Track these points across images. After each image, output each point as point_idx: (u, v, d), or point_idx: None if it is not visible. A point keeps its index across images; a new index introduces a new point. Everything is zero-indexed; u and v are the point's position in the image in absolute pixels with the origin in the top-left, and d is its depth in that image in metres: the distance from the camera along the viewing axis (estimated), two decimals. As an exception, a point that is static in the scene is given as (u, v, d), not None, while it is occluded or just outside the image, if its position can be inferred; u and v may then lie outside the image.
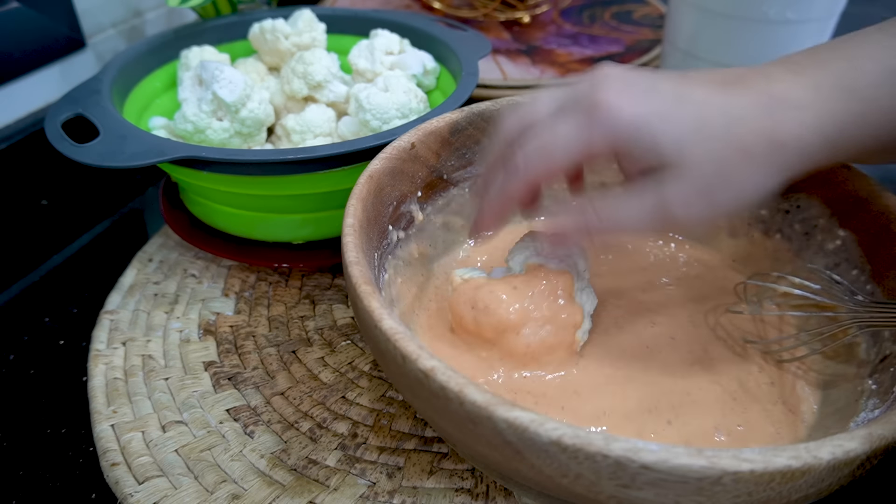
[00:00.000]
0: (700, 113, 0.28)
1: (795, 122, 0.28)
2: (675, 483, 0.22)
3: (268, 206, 0.46)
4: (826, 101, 0.28)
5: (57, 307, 0.49)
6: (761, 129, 0.28)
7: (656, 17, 0.84)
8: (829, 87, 0.28)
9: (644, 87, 0.29)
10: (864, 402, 0.32)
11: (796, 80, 0.29)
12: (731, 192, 0.29)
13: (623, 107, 0.28)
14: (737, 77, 0.30)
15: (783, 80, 0.29)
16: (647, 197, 0.29)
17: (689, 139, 0.28)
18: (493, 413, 0.24)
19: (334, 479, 0.36)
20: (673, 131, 0.28)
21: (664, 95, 0.29)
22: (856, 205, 0.37)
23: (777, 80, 0.29)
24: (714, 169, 0.28)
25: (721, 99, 0.29)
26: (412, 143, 0.39)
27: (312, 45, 0.55)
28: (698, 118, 0.28)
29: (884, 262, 0.35)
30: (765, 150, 0.28)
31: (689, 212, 0.29)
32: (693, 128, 0.28)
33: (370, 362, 0.43)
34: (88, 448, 0.39)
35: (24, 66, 0.58)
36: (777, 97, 0.28)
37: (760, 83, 0.29)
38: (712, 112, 0.28)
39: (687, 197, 0.29)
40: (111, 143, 0.41)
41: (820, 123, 0.28)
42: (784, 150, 0.28)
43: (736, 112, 0.28)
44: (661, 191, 0.29)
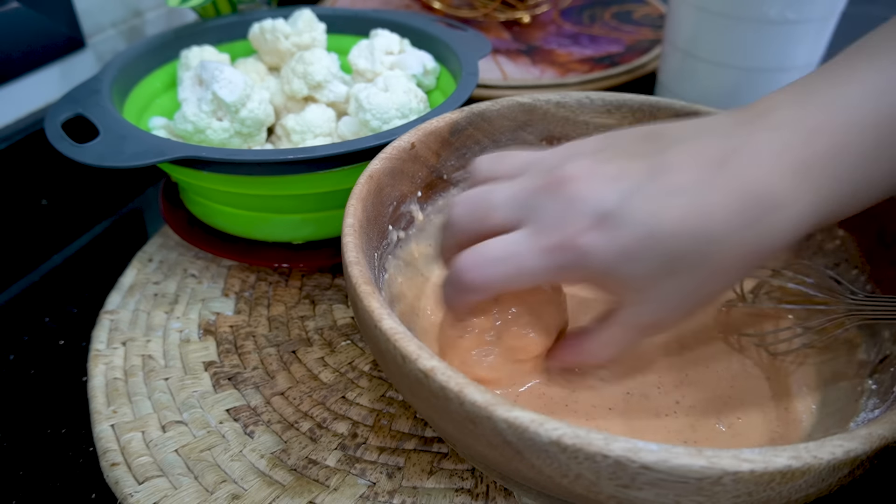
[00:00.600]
0: (674, 250, 0.26)
1: (775, 228, 0.26)
2: (675, 483, 0.22)
3: (268, 206, 0.46)
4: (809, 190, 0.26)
5: (57, 307, 0.49)
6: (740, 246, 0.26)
7: (656, 17, 0.84)
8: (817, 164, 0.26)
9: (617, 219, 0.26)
10: (864, 402, 0.32)
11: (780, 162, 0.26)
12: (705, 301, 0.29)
13: (596, 249, 0.27)
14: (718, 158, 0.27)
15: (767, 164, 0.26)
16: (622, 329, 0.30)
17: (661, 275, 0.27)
18: (493, 413, 0.24)
19: (334, 479, 0.36)
20: (644, 271, 0.27)
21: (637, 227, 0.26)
22: (856, 205, 0.37)
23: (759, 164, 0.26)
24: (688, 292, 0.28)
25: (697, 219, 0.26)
26: (412, 143, 0.39)
27: (312, 45, 0.55)
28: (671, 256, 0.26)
29: (883, 263, 0.35)
30: (742, 262, 0.27)
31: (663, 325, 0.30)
32: (665, 266, 0.27)
33: (370, 362, 0.43)
34: (88, 448, 0.39)
35: (24, 66, 0.58)
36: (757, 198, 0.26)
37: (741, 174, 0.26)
38: (687, 245, 0.26)
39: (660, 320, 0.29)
40: (111, 143, 0.41)
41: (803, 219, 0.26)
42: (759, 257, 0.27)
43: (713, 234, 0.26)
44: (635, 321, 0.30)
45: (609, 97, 0.43)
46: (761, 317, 0.39)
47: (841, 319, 0.35)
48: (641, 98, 0.43)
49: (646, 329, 0.30)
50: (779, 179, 0.26)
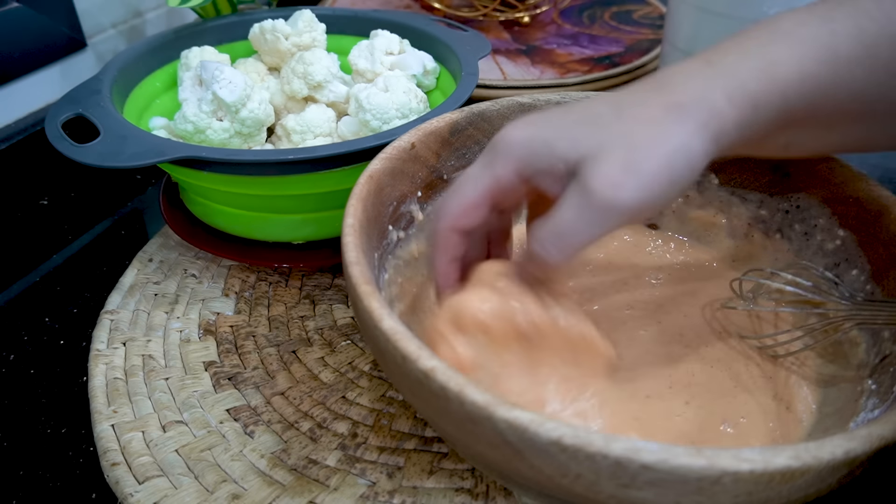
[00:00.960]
0: (588, 111, 0.29)
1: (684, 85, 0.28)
2: (675, 483, 0.22)
3: (268, 206, 0.46)
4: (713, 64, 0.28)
5: (57, 307, 0.49)
6: (653, 100, 0.28)
7: (656, 17, 0.84)
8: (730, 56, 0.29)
9: (535, 117, 0.31)
10: (863, 402, 0.32)
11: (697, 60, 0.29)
12: (653, 159, 0.27)
13: (514, 132, 0.30)
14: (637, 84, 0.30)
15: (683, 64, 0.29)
16: (576, 198, 0.28)
17: (582, 132, 0.29)
18: (493, 413, 0.24)
19: (334, 479, 0.36)
20: (565, 133, 0.29)
21: (553, 114, 0.30)
22: (856, 205, 0.37)
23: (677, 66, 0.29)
24: (621, 143, 0.27)
25: (608, 98, 0.30)
26: (412, 143, 0.39)
27: (312, 45, 0.55)
28: (587, 114, 0.29)
29: (884, 262, 0.35)
30: (663, 112, 0.28)
31: (622, 193, 0.27)
32: (583, 122, 0.29)
33: (370, 362, 0.43)
34: (89, 448, 0.39)
35: (25, 66, 0.58)
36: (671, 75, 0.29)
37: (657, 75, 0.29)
38: (601, 107, 0.29)
39: (608, 179, 0.27)
40: (111, 143, 0.41)
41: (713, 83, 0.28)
42: (685, 110, 0.27)
43: (626, 99, 0.29)
44: (585, 184, 0.27)
45: (609, 97, 0.43)
46: (761, 319, 0.39)
47: (839, 322, 0.35)
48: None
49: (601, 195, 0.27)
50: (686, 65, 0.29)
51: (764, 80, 0.28)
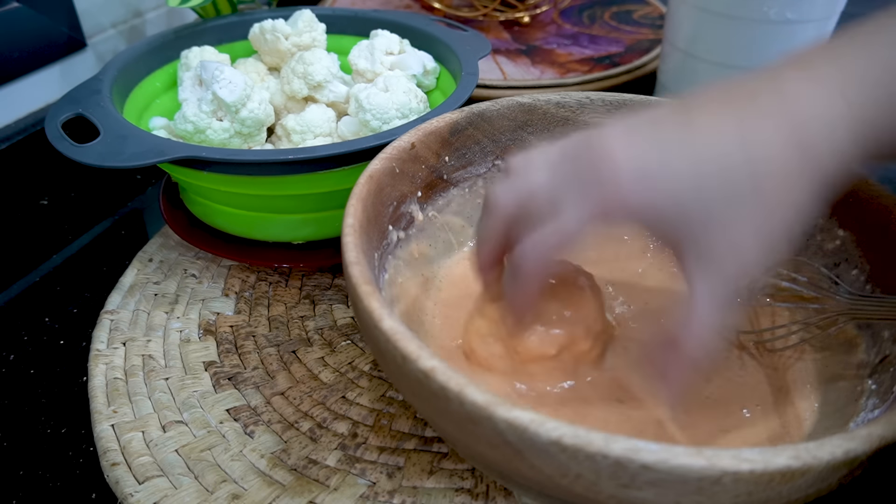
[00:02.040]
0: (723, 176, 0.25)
1: (828, 145, 0.25)
2: (675, 483, 0.22)
3: (268, 206, 0.46)
4: (851, 105, 0.25)
5: (57, 307, 0.49)
6: (792, 167, 0.25)
7: (656, 17, 0.84)
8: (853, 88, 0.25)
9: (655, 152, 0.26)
10: (864, 402, 0.32)
11: (813, 83, 0.26)
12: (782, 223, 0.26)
13: (638, 190, 0.26)
14: (747, 94, 0.27)
15: (800, 92, 0.26)
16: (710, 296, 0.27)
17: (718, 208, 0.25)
18: (493, 413, 0.24)
19: (334, 479, 0.36)
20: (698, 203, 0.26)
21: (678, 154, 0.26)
22: (856, 205, 0.37)
23: (793, 93, 0.26)
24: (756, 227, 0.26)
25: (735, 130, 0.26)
26: (412, 143, 0.39)
27: (312, 45, 0.55)
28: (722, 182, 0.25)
29: (884, 262, 0.35)
30: (802, 186, 0.25)
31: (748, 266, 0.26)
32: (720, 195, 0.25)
33: (370, 362, 0.43)
34: (88, 448, 0.39)
35: (25, 66, 0.58)
36: (798, 110, 0.25)
37: (774, 100, 0.26)
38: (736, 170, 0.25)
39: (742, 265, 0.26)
40: (111, 143, 0.41)
41: (852, 132, 0.25)
42: (822, 177, 0.26)
43: (755, 139, 0.25)
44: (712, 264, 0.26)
45: (609, 97, 0.43)
46: (758, 313, 0.39)
47: (834, 317, 0.35)
48: (641, 98, 0.43)
49: (731, 282, 0.26)
50: (818, 101, 0.25)
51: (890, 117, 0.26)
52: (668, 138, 0.26)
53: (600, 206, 0.27)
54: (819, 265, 0.38)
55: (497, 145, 0.44)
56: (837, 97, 0.25)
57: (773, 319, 0.39)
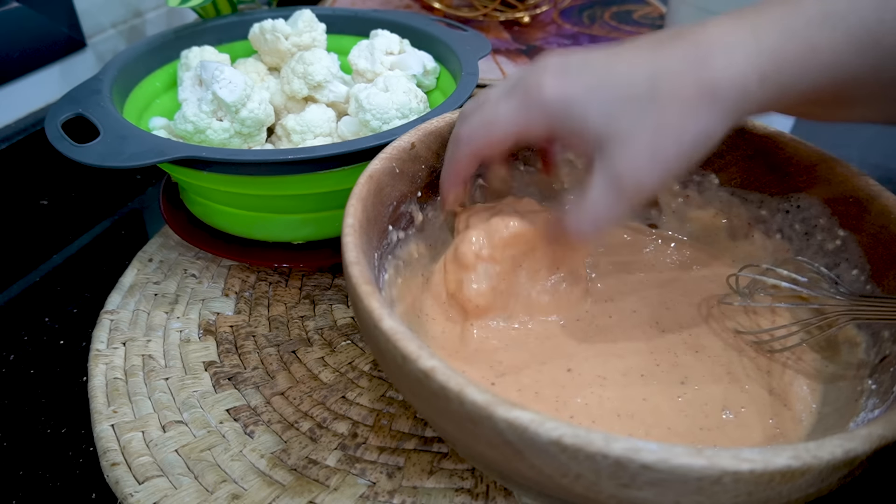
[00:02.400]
0: (626, 78, 0.29)
1: (724, 61, 0.28)
2: (675, 483, 0.22)
3: (268, 206, 0.46)
4: (759, 40, 0.28)
5: (57, 307, 0.49)
6: (691, 77, 0.28)
7: (656, 17, 0.84)
8: (764, 27, 0.28)
9: (576, 66, 0.30)
10: (864, 402, 0.32)
11: (733, 24, 0.29)
12: (676, 146, 0.29)
13: (553, 86, 0.30)
14: (672, 34, 0.30)
15: (719, 26, 0.29)
16: (602, 183, 0.30)
17: (617, 107, 0.29)
18: (493, 413, 0.24)
19: (334, 479, 0.36)
20: (599, 106, 0.29)
21: (594, 70, 0.30)
22: (856, 205, 0.37)
23: (712, 27, 0.29)
24: (651, 127, 0.29)
25: (649, 58, 0.29)
26: (412, 143, 0.39)
27: (312, 45, 0.55)
28: (624, 85, 0.29)
29: (884, 262, 0.35)
30: (697, 97, 0.28)
31: (642, 179, 0.30)
32: (620, 95, 0.29)
33: (370, 362, 0.43)
34: (88, 448, 0.39)
35: (25, 66, 0.58)
36: (707, 42, 0.28)
37: (694, 34, 0.29)
38: (639, 74, 0.29)
39: (634, 164, 0.29)
40: (111, 143, 0.41)
41: (753, 60, 0.28)
42: (718, 93, 0.28)
43: (663, 66, 0.29)
44: (610, 169, 0.30)
45: (609, 97, 0.43)
46: (757, 314, 0.39)
47: (834, 318, 0.35)
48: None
49: (625, 179, 0.30)
50: (729, 31, 0.29)
51: (800, 65, 0.28)
52: (592, 61, 0.31)
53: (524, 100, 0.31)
54: (819, 265, 0.38)
55: (497, 145, 0.44)
56: (747, 34, 0.28)
57: (772, 320, 0.39)
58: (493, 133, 0.33)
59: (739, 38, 0.28)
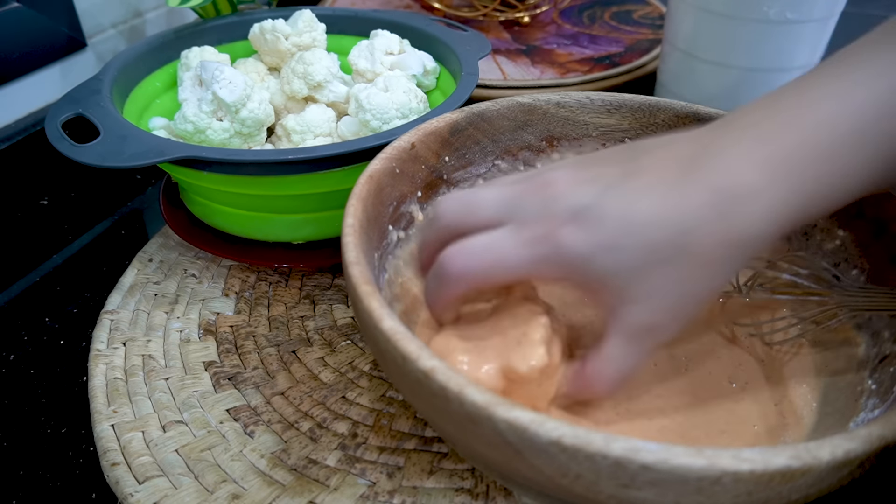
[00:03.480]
0: (650, 235, 0.27)
1: (748, 218, 0.27)
2: (675, 483, 0.22)
3: (268, 206, 0.46)
4: (778, 182, 0.27)
5: (57, 307, 0.49)
6: (717, 235, 0.27)
7: (656, 17, 0.84)
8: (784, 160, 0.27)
9: (595, 209, 0.28)
10: (864, 402, 0.32)
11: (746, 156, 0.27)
12: (696, 302, 0.28)
13: (573, 240, 0.28)
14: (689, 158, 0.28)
15: (736, 159, 0.27)
16: (621, 340, 0.29)
17: (639, 269, 0.27)
18: (493, 413, 0.24)
19: (334, 479, 0.36)
20: (623, 265, 0.28)
21: (615, 219, 0.28)
22: (855, 205, 0.37)
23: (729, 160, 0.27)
24: (673, 290, 0.28)
25: (673, 204, 0.27)
26: (412, 143, 0.39)
27: (312, 45, 0.55)
28: (649, 243, 0.27)
29: (883, 263, 0.35)
30: (722, 253, 0.27)
31: (661, 335, 0.29)
32: (644, 256, 0.27)
33: (370, 362, 0.43)
34: (88, 448, 0.39)
35: (25, 66, 0.58)
36: (728, 191, 0.27)
37: (711, 170, 0.27)
38: (663, 229, 0.27)
39: (654, 323, 0.29)
40: (111, 143, 0.41)
41: (776, 210, 0.27)
42: (741, 245, 0.27)
43: (688, 219, 0.27)
44: (630, 326, 0.29)
45: (609, 97, 0.43)
46: (757, 308, 0.39)
47: (834, 310, 0.35)
48: (641, 98, 0.43)
49: (643, 337, 0.29)
50: (747, 171, 0.27)
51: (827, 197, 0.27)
52: (610, 202, 0.28)
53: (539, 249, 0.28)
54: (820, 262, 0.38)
55: (497, 145, 0.44)
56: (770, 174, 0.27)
57: (772, 313, 0.39)
58: (497, 276, 0.30)
59: (756, 185, 0.27)
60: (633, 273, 0.28)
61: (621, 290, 0.28)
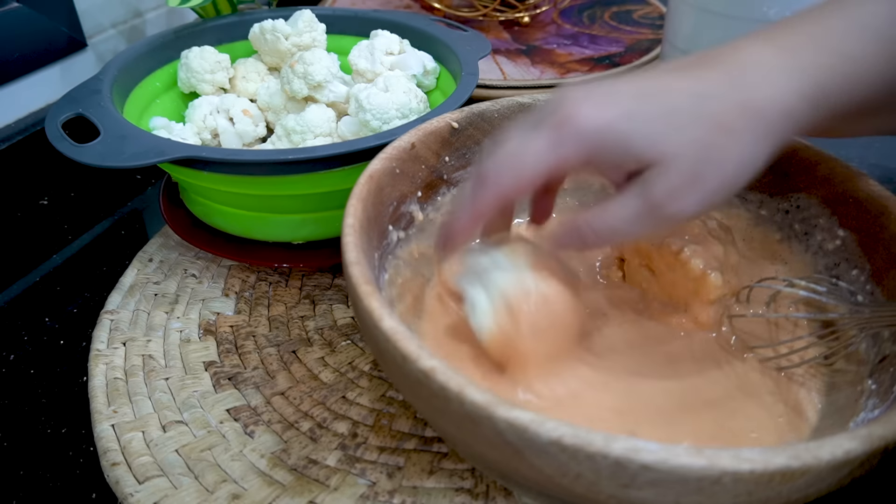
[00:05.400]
0: (666, 102, 0.28)
1: (768, 85, 0.27)
2: (675, 483, 0.22)
3: (268, 206, 0.46)
4: (799, 59, 0.27)
5: (57, 307, 0.49)
6: (733, 100, 0.27)
7: (656, 17, 0.84)
8: (803, 46, 0.27)
9: (608, 94, 0.28)
10: (864, 402, 0.32)
11: (767, 45, 0.28)
12: (720, 172, 0.28)
13: (588, 115, 0.28)
14: (703, 57, 0.29)
15: (754, 47, 0.28)
16: (635, 200, 0.29)
17: (660, 132, 0.27)
18: (493, 413, 0.24)
19: (334, 479, 0.36)
20: (642, 128, 0.28)
21: (626, 95, 0.28)
22: (856, 205, 0.37)
23: (747, 49, 0.28)
24: (694, 154, 0.27)
25: (686, 83, 0.28)
26: (412, 143, 0.39)
27: (312, 45, 0.55)
28: (665, 108, 0.27)
29: (883, 262, 0.35)
30: (742, 121, 0.27)
31: (681, 205, 0.28)
32: (662, 119, 0.27)
33: (370, 362, 0.43)
34: (89, 448, 0.39)
35: (25, 66, 0.58)
36: (747, 64, 0.27)
37: (729, 57, 0.28)
38: (678, 98, 0.28)
39: (675, 190, 0.28)
40: (111, 143, 0.41)
41: (795, 82, 0.27)
42: (762, 116, 0.27)
43: (704, 90, 0.27)
44: (648, 191, 0.28)
45: (609, 97, 0.43)
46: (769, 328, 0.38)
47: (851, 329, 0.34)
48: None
49: (658, 200, 0.28)
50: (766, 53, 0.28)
51: (839, 80, 0.27)
52: (622, 89, 0.29)
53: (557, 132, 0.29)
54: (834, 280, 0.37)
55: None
56: (784, 54, 0.27)
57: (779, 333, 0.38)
58: (524, 171, 0.30)
59: (777, 59, 0.27)
60: (654, 139, 0.27)
61: (643, 157, 0.28)
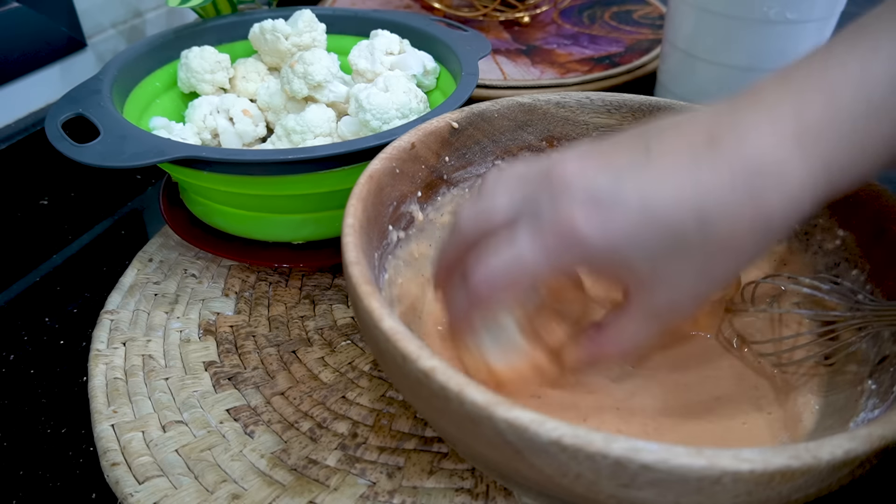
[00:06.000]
0: (672, 219, 0.26)
1: (778, 195, 0.26)
2: (675, 483, 0.22)
3: (268, 206, 0.46)
4: (809, 157, 0.25)
5: (57, 307, 0.49)
6: (744, 215, 0.26)
7: (656, 17, 0.84)
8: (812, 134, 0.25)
9: (609, 193, 0.27)
10: (864, 402, 0.32)
11: (773, 131, 0.26)
12: (720, 282, 0.28)
13: (591, 227, 0.27)
14: (707, 139, 0.26)
15: (758, 134, 0.26)
16: (640, 316, 0.29)
17: (663, 255, 0.27)
18: (493, 413, 0.24)
19: (334, 479, 0.36)
20: (645, 251, 0.27)
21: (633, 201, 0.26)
22: (856, 205, 0.37)
23: (751, 135, 0.26)
24: (697, 274, 0.27)
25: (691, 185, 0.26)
26: (412, 143, 0.39)
27: (312, 45, 0.55)
28: (671, 227, 0.26)
29: (883, 262, 0.35)
30: (751, 235, 0.26)
31: (680, 314, 0.29)
32: (667, 248, 0.26)
33: (370, 362, 0.43)
34: (88, 448, 0.39)
35: (25, 66, 0.58)
36: (754, 166, 0.25)
37: (733, 145, 0.26)
38: (684, 211, 0.26)
39: (676, 304, 0.28)
40: (111, 143, 0.41)
41: (808, 186, 0.26)
42: (771, 228, 0.26)
43: (711, 200, 0.26)
44: (650, 306, 0.29)
45: (609, 97, 0.43)
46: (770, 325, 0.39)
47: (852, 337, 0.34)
48: (641, 98, 0.43)
49: (662, 315, 0.29)
50: (773, 149, 0.26)
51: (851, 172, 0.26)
52: (626, 183, 0.27)
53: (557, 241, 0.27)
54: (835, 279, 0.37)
55: (497, 145, 0.44)
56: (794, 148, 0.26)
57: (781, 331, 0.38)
58: (519, 283, 0.29)
59: (788, 154, 0.25)
60: (656, 261, 0.27)
61: (644, 275, 0.28)
